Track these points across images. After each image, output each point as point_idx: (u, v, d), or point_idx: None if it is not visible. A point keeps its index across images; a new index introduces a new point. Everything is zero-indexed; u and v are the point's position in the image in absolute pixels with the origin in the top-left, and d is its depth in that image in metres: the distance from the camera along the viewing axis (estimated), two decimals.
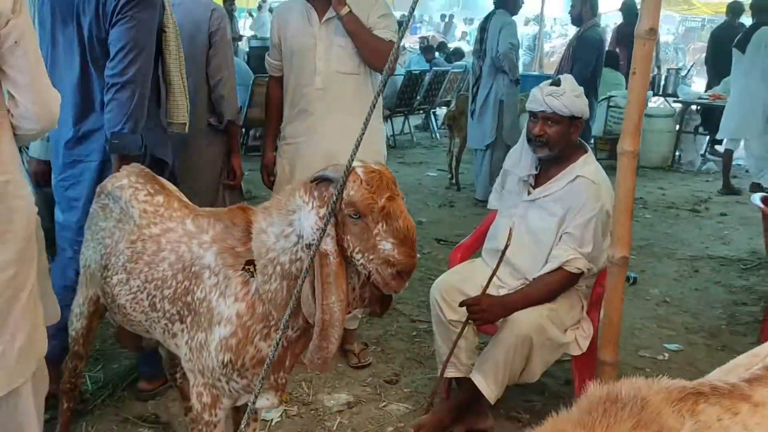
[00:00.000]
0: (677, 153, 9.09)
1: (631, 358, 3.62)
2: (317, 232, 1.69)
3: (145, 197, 2.14)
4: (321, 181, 1.74)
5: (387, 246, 1.67)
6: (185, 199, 2.22)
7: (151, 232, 2.07)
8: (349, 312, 1.81)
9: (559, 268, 2.67)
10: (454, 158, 7.37)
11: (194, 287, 1.95)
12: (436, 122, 10.95)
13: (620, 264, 2.55)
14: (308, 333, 1.94)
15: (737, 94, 7.18)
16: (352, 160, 1.58)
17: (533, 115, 2.81)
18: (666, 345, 3.85)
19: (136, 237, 2.08)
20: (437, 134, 10.79)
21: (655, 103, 10.16)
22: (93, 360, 3.21)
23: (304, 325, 1.87)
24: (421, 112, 10.78)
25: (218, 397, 1.97)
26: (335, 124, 3.10)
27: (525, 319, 2.61)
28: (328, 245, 1.69)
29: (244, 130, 8.16)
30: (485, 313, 2.60)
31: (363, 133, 1.54)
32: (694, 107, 9.08)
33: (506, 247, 2.57)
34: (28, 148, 2.88)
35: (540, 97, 2.76)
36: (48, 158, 2.78)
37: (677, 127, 9.00)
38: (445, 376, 2.85)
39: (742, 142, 7.70)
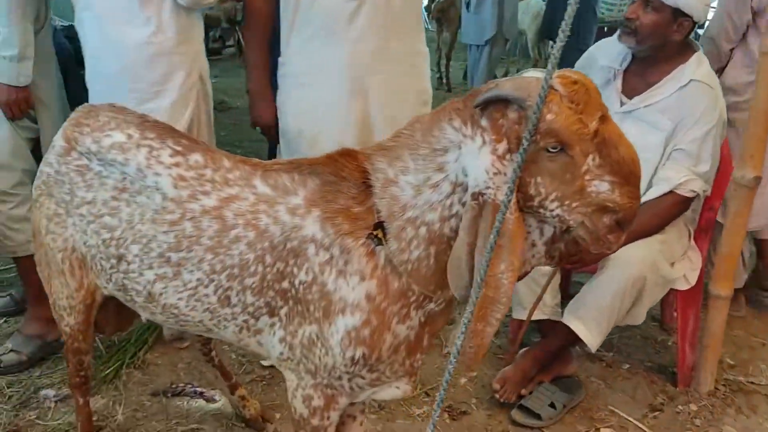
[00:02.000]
0: None
1: None
2: (495, 177, 1.19)
3: (173, 158, 1.54)
4: (490, 104, 1.21)
5: (603, 186, 1.19)
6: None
7: (202, 205, 1.49)
8: (525, 274, 1.35)
9: (670, 192, 2.25)
10: (443, 56, 6.78)
11: (293, 269, 1.43)
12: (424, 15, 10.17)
13: (750, 186, 2.16)
14: (452, 305, 1.49)
15: None
16: (555, 63, 0.99)
17: None
18: None
19: (177, 216, 1.51)
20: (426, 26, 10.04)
21: None
22: None
23: (450, 296, 1.41)
24: None
25: (333, 397, 1.51)
26: (376, 52, 2.15)
27: (637, 257, 2.21)
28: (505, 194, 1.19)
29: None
30: (586, 255, 2.18)
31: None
32: None
33: None
34: None
35: None
36: None
37: None
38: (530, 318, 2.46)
39: None
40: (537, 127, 1.10)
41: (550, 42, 7.13)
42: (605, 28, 7.20)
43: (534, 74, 1.23)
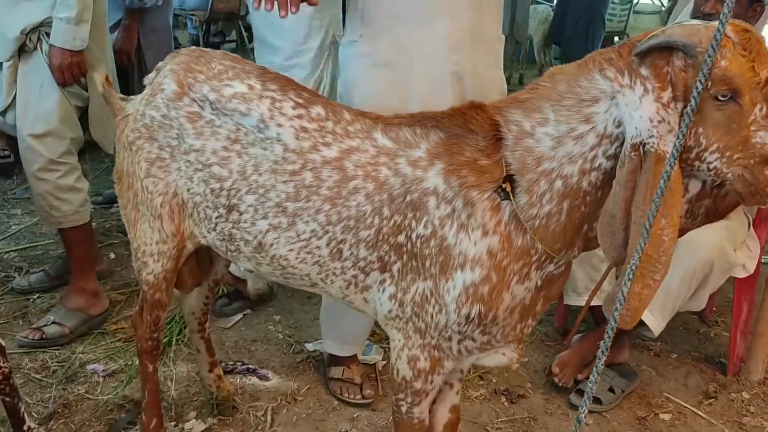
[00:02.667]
0: None
1: None
2: (660, 125, 1.15)
3: (296, 110, 1.51)
4: (652, 53, 1.18)
5: None
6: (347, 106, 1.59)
7: (322, 156, 1.46)
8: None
9: None
10: None
11: (411, 222, 1.39)
12: None
13: None
14: (569, 270, 1.46)
15: None
16: (730, 7, 0.97)
17: None
18: None
19: (298, 166, 1.48)
20: None
21: None
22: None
23: (575, 257, 1.38)
24: None
25: (440, 360, 1.47)
26: (474, 30, 1.85)
27: (705, 241, 2.21)
28: (670, 144, 1.16)
29: (204, 24, 7.28)
30: None
31: None
32: None
33: None
34: None
35: None
36: None
37: None
38: (582, 303, 2.45)
39: None
40: (712, 64, 1.07)
41: (554, 46, 7.20)
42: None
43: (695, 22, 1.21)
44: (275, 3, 1.51)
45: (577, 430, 1.10)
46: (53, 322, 2.46)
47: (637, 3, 9.09)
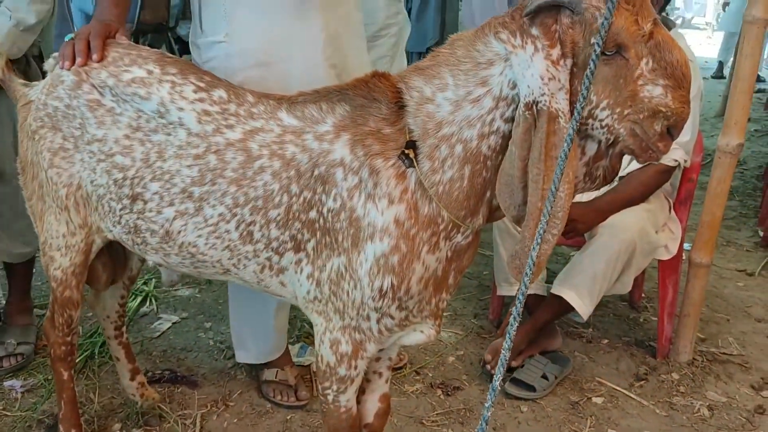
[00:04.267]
0: None
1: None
2: (550, 83, 1.17)
3: (197, 93, 1.48)
4: (540, 13, 1.19)
5: (656, 91, 1.16)
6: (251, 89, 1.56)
7: (226, 139, 1.44)
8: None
9: None
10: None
11: (321, 197, 1.37)
12: None
13: (734, 153, 2.24)
14: (477, 241, 1.45)
15: None
16: None
17: None
18: None
19: (202, 150, 1.45)
20: None
21: None
22: None
23: (480, 227, 1.38)
24: None
25: (362, 343, 1.45)
26: (338, 22, 1.82)
27: (626, 223, 2.26)
28: (561, 102, 1.17)
29: (132, 37, 7.12)
30: (577, 224, 2.21)
31: None
32: None
33: None
34: None
35: None
36: None
37: None
38: (512, 293, 2.48)
39: None
40: (609, 28, 1.09)
41: None
42: None
43: None
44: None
45: (493, 397, 1.08)
46: (20, 343, 2.35)
47: None
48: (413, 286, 1.37)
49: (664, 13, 2.50)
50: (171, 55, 1.58)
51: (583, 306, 2.30)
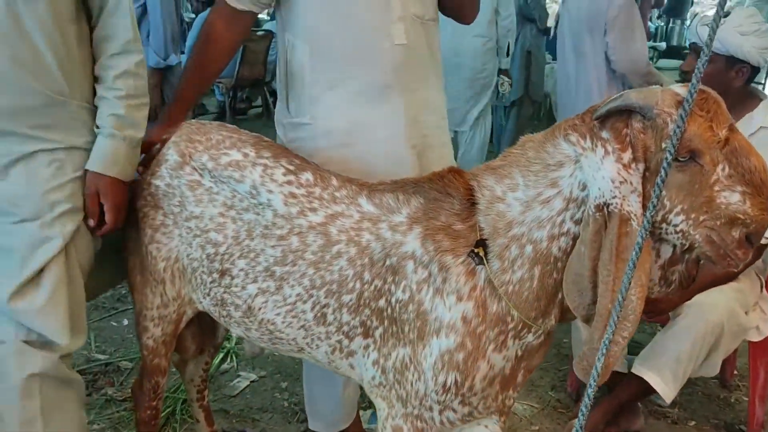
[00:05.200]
0: None
1: None
2: (621, 186, 1.16)
3: (286, 176, 1.55)
4: (612, 116, 1.20)
5: (733, 197, 1.14)
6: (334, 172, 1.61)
7: (309, 221, 1.50)
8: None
9: None
10: None
11: (391, 287, 1.40)
12: None
13: None
14: (550, 341, 1.44)
15: None
16: (699, 76, 0.99)
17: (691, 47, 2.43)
18: None
19: (285, 231, 1.51)
20: None
21: None
22: None
23: (552, 328, 1.36)
24: None
25: (423, 431, 1.45)
26: (419, 104, 1.85)
27: (714, 304, 2.16)
28: (633, 204, 1.17)
29: (231, 91, 7.49)
30: (660, 303, 2.14)
31: None
32: None
33: None
34: None
35: (695, 25, 2.33)
36: None
37: None
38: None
39: None
40: (682, 134, 1.08)
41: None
42: None
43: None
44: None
45: None
46: None
47: (657, 61, 9.15)
48: (477, 383, 1.36)
49: (752, 84, 2.41)
50: (267, 139, 1.67)
51: (666, 389, 2.20)
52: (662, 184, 1.05)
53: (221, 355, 2.87)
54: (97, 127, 1.62)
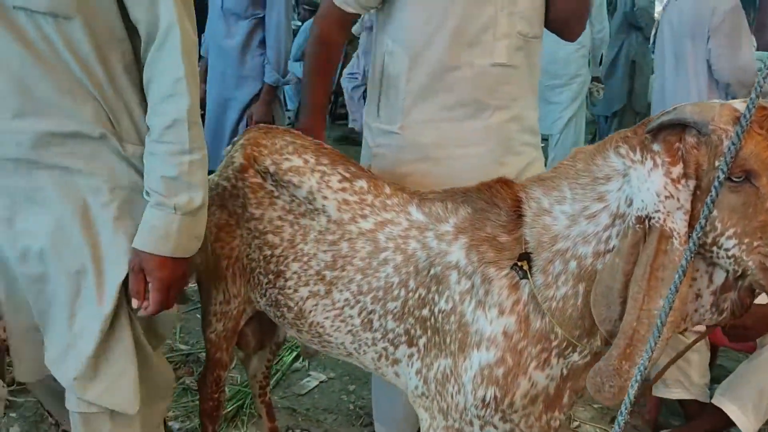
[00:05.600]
0: None
1: None
2: (666, 201, 1.10)
3: (341, 183, 1.58)
4: (664, 129, 1.13)
5: None
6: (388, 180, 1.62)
7: (359, 228, 1.52)
8: (684, 330, 1.23)
9: None
10: None
11: (434, 296, 1.39)
12: None
13: None
14: (597, 361, 1.37)
15: None
16: (759, 92, 0.87)
17: None
18: None
19: (337, 236, 1.54)
20: None
21: None
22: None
23: (599, 348, 1.30)
24: None
25: None
26: (512, 122, 1.82)
27: None
28: (677, 222, 1.10)
29: (332, 96, 7.64)
30: (748, 330, 1.99)
31: None
32: None
33: None
34: None
35: None
36: None
37: None
38: (671, 396, 2.27)
39: None
40: (736, 151, 1.00)
41: None
42: None
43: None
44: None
45: None
46: None
47: None
48: (518, 400, 1.32)
49: None
50: (327, 146, 1.70)
51: (747, 423, 2.05)
52: (712, 204, 0.99)
53: (294, 354, 2.94)
54: (147, 193, 1.37)
